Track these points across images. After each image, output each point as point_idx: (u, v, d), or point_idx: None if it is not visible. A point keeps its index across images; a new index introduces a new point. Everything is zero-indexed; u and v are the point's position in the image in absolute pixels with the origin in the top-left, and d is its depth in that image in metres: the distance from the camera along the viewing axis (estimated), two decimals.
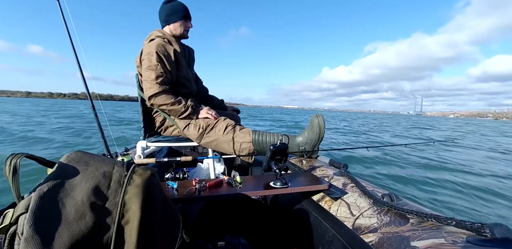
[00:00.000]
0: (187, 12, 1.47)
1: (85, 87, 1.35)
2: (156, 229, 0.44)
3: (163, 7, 1.45)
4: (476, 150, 6.60)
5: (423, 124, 24.16)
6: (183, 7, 1.46)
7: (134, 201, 0.41)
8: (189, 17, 1.50)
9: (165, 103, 1.35)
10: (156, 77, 1.31)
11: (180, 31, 1.48)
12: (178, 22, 1.45)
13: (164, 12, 1.44)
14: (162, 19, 1.46)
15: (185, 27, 1.49)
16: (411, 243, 0.54)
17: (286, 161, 0.97)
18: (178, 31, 1.47)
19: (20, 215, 0.35)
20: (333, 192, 0.91)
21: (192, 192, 0.81)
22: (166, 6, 1.44)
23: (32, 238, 0.32)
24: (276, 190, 0.88)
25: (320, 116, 1.32)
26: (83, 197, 0.38)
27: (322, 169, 1.14)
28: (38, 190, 0.37)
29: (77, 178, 0.40)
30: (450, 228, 0.55)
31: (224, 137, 1.37)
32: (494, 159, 5.34)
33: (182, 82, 1.48)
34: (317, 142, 1.31)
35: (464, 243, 0.48)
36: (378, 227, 0.65)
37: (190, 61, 1.60)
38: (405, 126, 18.50)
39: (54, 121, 10.30)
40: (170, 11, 1.44)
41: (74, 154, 0.44)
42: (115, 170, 0.44)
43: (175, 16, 1.44)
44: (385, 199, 0.75)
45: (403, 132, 12.51)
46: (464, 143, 8.08)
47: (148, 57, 1.32)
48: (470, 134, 13.68)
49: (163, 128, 1.52)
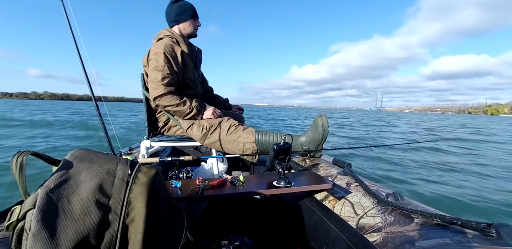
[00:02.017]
0: (195, 11, 1.49)
1: (89, 88, 1.36)
2: (161, 227, 0.44)
3: (172, 7, 1.46)
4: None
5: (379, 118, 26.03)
6: (191, 6, 1.48)
7: (139, 200, 0.42)
8: (197, 16, 1.51)
9: (170, 104, 1.36)
10: (163, 78, 1.32)
11: (190, 30, 1.50)
12: (187, 21, 1.47)
13: (173, 12, 1.45)
14: (171, 18, 1.47)
15: (194, 26, 1.51)
16: (415, 242, 0.54)
17: (289, 160, 0.97)
18: (187, 30, 1.49)
19: (28, 211, 0.36)
20: (336, 191, 0.91)
21: (196, 191, 0.82)
22: (175, 6, 1.46)
23: (39, 233, 0.33)
24: (280, 189, 0.88)
25: (324, 116, 1.32)
26: (88, 194, 0.39)
27: (325, 168, 1.14)
28: (44, 187, 0.37)
29: (82, 175, 0.41)
30: (455, 228, 0.54)
31: (228, 138, 1.37)
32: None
33: (188, 83, 1.49)
34: (320, 142, 1.30)
35: (469, 243, 0.48)
36: (382, 227, 0.65)
37: (197, 62, 1.60)
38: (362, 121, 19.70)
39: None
40: (179, 10, 1.45)
41: (78, 152, 0.45)
42: (119, 167, 0.44)
43: (185, 15, 1.46)
44: (389, 198, 0.74)
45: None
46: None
47: (156, 58, 1.32)
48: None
49: (167, 128, 1.53)
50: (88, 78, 1.35)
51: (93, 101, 1.37)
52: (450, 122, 25.26)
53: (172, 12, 1.45)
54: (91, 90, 1.38)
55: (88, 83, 1.35)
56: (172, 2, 1.46)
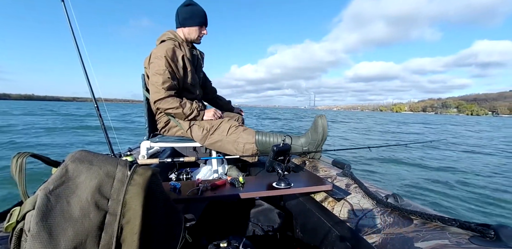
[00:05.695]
0: (205, 19, 1.46)
1: (90, 88, 1.36)
2: (158, 229, 0.44)
3: (182, 10, 1.43)
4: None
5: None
6: (202, 13, 1.45)
7: (135, 201, 0.42)
8: (206, 24, 1.48)
9: (170, 107, 1.36)
10: (163, 82, 1.32)
11: (194, 37, 1.48)
12: (194, 27, 1.44)
13: (182, 15, 1.43)
14: (178, 21, 1.45)
15: (200, 33, 1.48)
16: (414, 244, 0.54)
17: (289, 161, 0.97)
18: (192, 36, 1.47)
19: (27, 212, 0.36)
20: (336, 192, 0.91)
21: (195, 193, 0.82)
22: (186, 9, 1.43)
23: (38, 234, 0.33)
24: (279, 190, 0.88)
25: (323, 117, 1.32)
26: (88, 196, 0.39)
27: (325, 170, 1.14)
28: (44, 188, 0.37)
29: (82, 176, 0.41)
30: (454, 229, 0.54)
31: (228, 138, 1.38)
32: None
33: (187, 87, 1.49)
34: (320, 143, 1.31)
35: (468, 244, 0.48)
36: (381, 228, 0.65)
37: (197, 66, 1.59)
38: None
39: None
40: (188, 14, 1.42)
41: (78, 153, 0.45)
42: (118, 169, 0.44)
43: (193, 21, 1.43)
44: (388, 200, 0.74)
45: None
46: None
47: (157, 61, 1.32)
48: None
49: (167, 129, 1.54)
50: (89, 78, 1.35)
51: (93, 101, 1.37)
52: (376, 119, 28.79)
53: (181, 15, 1.43)
54: (91, 91, 1.38)
55: (88, 84, 1.35)
56: (185, 4, 1.43)
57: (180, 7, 1.45)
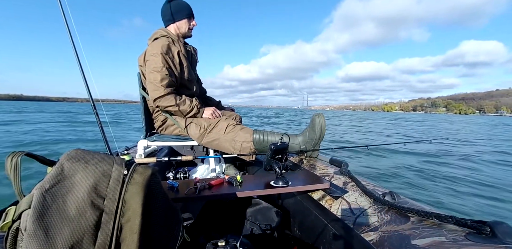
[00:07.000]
0: (191, 10, 1.48)
1: (86, 88, 1.35)
2: (157, 228, 0.44)
3: (167, 6, 1.45)
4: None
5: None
6: (187, 5, 1.47)
7: (134, 200, 0.42)
8: (193, 16, 1.50)
9: (170, 105, 1.35)
10: (162, 79, 1.31)
11: (185, 30, 1.48)
12: (183, 20, 1.46)
13: (169, 11, 1.44)
14: (167, 17, 1.46)
15: (190, 25, 1.50)
16: (411, 241, 0.54)
17: (286, 160, 0.97)
18: (183, 29, 1.48)
19: (23, 211, 0.35)
20: (333, 191, 0.91)
21: (193, 192, 0.82)
22: (171, 5, 1.44)
23: (35, 233, 0.33)
24: (277, 189, 0.88)
25: (321, 115, 1.32)
26: (84, 194, 0.39)
27: (322, 168, 1.14)
28: (40, 187, 0.37)
29: (78, 175, 0.40)
30: (450, 226, 0.55)
31: (225, 137, 1.37)
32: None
33: (184, 83, 1.48)
34: (318, 141, 1.31)
35: (464, 241, 0.48)
36: (378, 226, 0.65)
37: (193, 62, 1.59)
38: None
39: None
40: (175, 9, 1.44)
41: (74, 152, 0.44)
42: (114, 168, 0.44)
43: (181, 14, 1.44)
44: (385, 197, 0.75)
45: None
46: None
47: (153, 59, 1.31)
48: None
49: (164, 127, 1.53)
50: (86, 78, 1.34)
51: (90, 101, 1.36)
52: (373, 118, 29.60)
53: (167, 11, 1.44)
54: (88, 91, 1.37)
55: (86, 84, 1.34)
56: (168, 1, 1.45)
57: (164, 4, 1.46)
